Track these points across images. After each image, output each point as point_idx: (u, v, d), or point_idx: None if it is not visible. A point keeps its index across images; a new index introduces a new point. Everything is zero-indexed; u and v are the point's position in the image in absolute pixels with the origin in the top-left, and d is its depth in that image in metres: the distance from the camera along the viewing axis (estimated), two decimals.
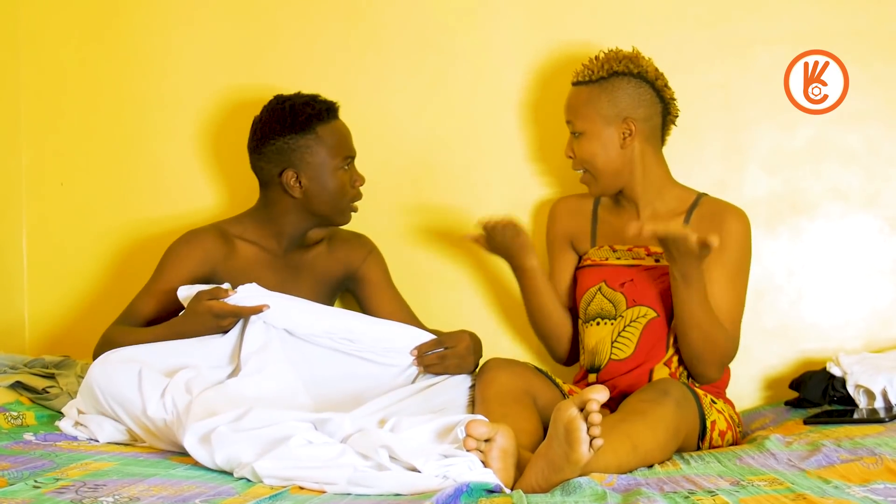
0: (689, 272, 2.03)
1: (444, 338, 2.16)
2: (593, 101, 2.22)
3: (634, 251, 2.24)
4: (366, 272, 2.38)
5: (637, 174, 2.24)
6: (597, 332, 2.22)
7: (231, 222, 2.32)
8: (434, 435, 1.71)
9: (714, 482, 1.58)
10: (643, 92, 2.22)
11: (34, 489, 1.45)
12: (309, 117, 2.21)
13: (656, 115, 2.24)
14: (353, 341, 2.11)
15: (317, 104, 2.23)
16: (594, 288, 2.25)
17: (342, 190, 2.25)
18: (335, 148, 2.23)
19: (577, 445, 1.56)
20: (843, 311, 2.46)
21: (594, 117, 2.22)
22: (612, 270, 2.24)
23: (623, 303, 2.20)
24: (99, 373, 1.90)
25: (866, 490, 1.43)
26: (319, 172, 2.22)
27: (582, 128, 2.23)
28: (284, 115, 2.22)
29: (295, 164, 2.22)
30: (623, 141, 2.22)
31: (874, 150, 2.46)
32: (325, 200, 2.24)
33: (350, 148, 2.27)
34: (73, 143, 2.69)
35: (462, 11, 2.58)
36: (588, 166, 2.25)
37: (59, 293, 2.67)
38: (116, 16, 2.69)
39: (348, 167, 2.26)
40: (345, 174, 2.25)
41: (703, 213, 2.23)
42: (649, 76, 2.22)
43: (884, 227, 2.46)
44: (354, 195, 2.28)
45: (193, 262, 2.21)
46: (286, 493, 1.51)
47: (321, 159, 2.22)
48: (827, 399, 2.20)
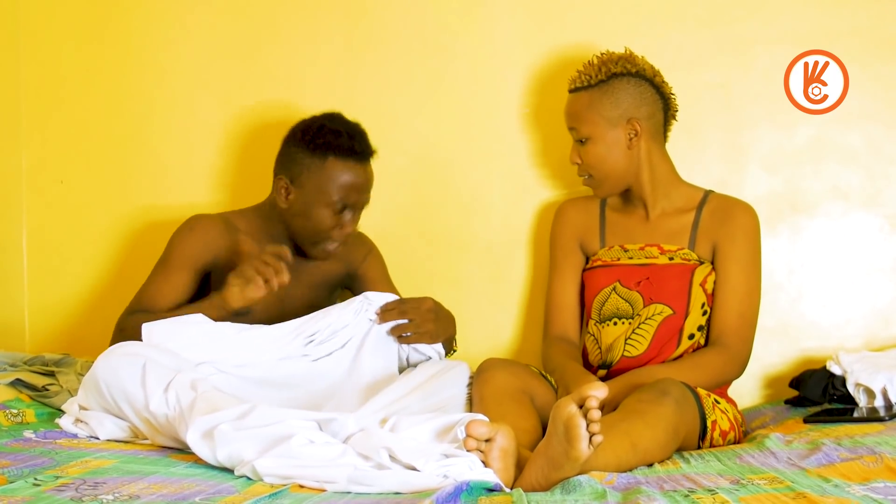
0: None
1: (405, 298, 2.18)
2: (596, 105, 2.22)
3: (647, 250, 2.24)
4: (365, 271, 2.38)
5: (645, 173, 2.25)
6: (614, 331, 2.21)
7: (236, 214, 2.33)
8: (434, 434, 1.71)
9: (714, 481, 1.58)
10: (644, 90, 2.22)
11: (34, 487, 1.45)
12: (328, 144, 2.17)
13: (658, 111, 2.25)
14: (314, 336, 2.08)
15: (344, 137, 2.17)
16: (608, 288, 2.24)
17: (321, 227, 2.20)
18: (333, 185, 2.17)
19: (577, 442, 1.55)
20: (844, 310, 2.46)
21: (598, 121, 2.22)
22: (626, 270, 2.24)
23: (640, 301, 2.20)
24: (104, 366, 1.90)
25: (866, 489, 1.43)
26: (308, 197, 2.19)
27: (587, 133, 2.23)
28: (311, 130, 2.20)
29: (292, 175, 2.21)
30: (629, 142, 2.22)
31: (874, 149, 2.46)
32: (301, 225, 2.22)
33: (352, 196, 2.19)
34: (73, 141, 2.70)
35: (462, 12, 2.58)
36: (595, 171, 2.24)
37: (59, 291, 2.67)
38: (116, 15, 2.69)
39: (341, 213, 2.20)
40: (332, 215, 2.19)
41: (712, 209, 2.24)
42: (647, 73, 2.23)
43: (884, 225, 2.46)
44: (334, 238, 2.23)
45: (197, 251, 2.22)
46: (286, 492, 1.51)
47: (315, 186, 2.18)
48: (827, 397, 2.20)
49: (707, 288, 2.20)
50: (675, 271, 2.20)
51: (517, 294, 2.52)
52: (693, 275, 2.20)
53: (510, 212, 2.56)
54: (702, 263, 2.21)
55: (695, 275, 2.20)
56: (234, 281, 2.06)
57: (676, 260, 2.21)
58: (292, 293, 2.25)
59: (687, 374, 2.06)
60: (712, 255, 2.22)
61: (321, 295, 2.32)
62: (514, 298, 2.54)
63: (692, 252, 2.22)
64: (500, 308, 2.56)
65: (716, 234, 2.22)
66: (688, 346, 2.18)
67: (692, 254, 2.22)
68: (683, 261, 2.21)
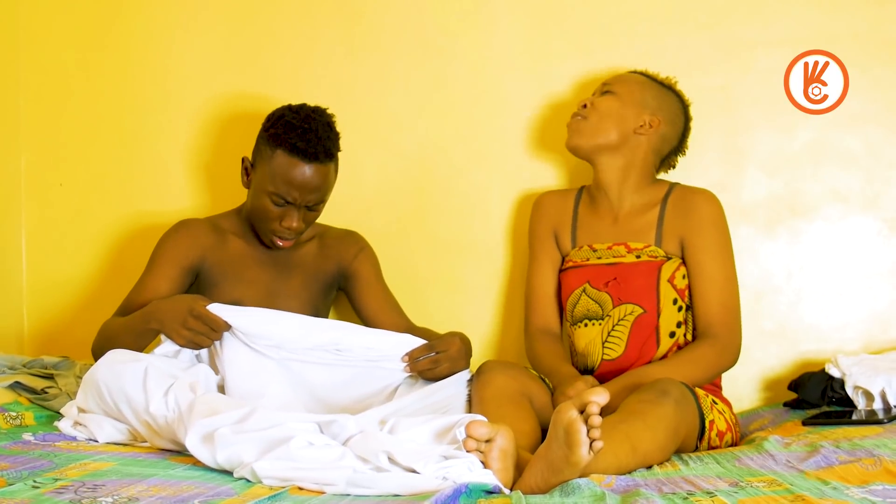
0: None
1: (435, 342, 2.14)
2: (647, 86, 2.29)
3: (614, 249, 2.25)
4: (357, 269, 2.38)
5: (622, 161, 2.26)
6: (586, 333, 2.22)
7: (223, 216, 2.35)
8: (433, 435, 1.71)
9: (713, 483, 1.58)
10: (679, 117, 2.31)
11: (33, 489, 1.45)
12: (278, 136, 2.15)
13: (670, 145, 2.32)
14: (341, 352, 2.09)
15: (297, 133, 2.14)
16: (579, 289, 2.25)
17: (265, 215, 2.20)
18: (276, 178, 2.15)
19: (577, 448, 1.56)
20: (842, 313, 2.46)
21: (637, 94, 2.27)
22: (595, 270, 2.25)
23: (609, 302, 2.21)
24: (105, 369, 1.91)
25: (865, 491, 1.43)
26: (257, 183, 2.21)
27: (619, 90, 2.28)
28: (273, 118, 2.21)
29: (253, 159, 2.23)
30: (639, 127, 2.25)
31: (874, 152, 2.46)
32: (249, 208, 2.25)
33: (292, 193, 2.16)
34: (73, 144, 2.70)
35: (462, 14, 2.58)
36: (593, 116, 2.26)
37: (58, 294, 2.68)
38: (117, 18, 2.69)
39: (281, 206, 2.18)
40: (275, 207, 2.18)
41: (675, 200, 2.26)
42: (688, 113, 2.33)
43: (883, 229, 2.46)
44: (278, 230, 2.21)
45: (183, 249, 2.24)
46: (285, 494, 1.51)
47: (262, 174, 2.18)
48: (826, 400, 2.20)
49: (676, 283, 2.20)
50: (642, 269, 2.20)
51: (518, 296, 2.52)
52: (660, 271, 2.20)
53: (511, 214, 2.56)
54: (669, 259, 2.21)
55: (661, 271, 2.20)
56: (179, 330, 2.03)
57: (643, 258, 2.21)
58: (284, 290, 2.26)
59: (683, 371, 2.06)
60: (681, 250, 2.22)
61: (315, 293, 2.32)
62: (515, 300, 2.53)
63: (659, 248, 2.22)
64: (499, 310, 2.56)
65: (681, 228, 2.22)
66: (670, 344, 2.18)
67: (659, 250, 2.22)
68: (650, 258, 2.21)
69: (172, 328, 2.03)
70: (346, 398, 2.08)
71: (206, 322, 2.02)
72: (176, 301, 2.08)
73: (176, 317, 2.03)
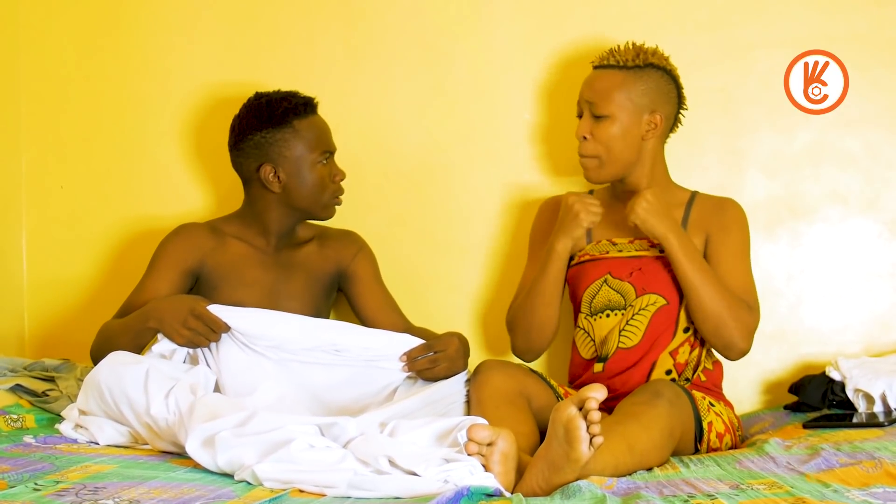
0: (660, 236, 2.09)
1: (433, 342, 2.15)
2: (628, 87, 2.18)
3: (637, 243, 2.23)
4: (356, 269, 2.38)
5: (645, 167, 2.24)
6: (606, 323, 2.21)
7: (222, 220, 2.35)
8: (434, 438, 1.71)
9: (713, 486, 1.58)
10: (670, 89, 2.23)
11: (34, 492, 1.45)
12: (285, 111, 2.21)
13: (674, 114, 2.26)
14: (340, 352, 2.11)
15: (294, 99, 2.24)
16: (599, 280, 2.23)
17: (321, 184, 2.25)
18: (312, 142, 2.23)
19: (577, 444, 1.56)
20: (843, 316, 2.46)
21: (625, 103, 2.18)
22: (617, 262, 2.23)
23: (632, 292, 2.19)
24: (107, 370, 1.91)
25: (865, 494, 1.43)
26: (297, 167, 2.23)
27: (608, 111, 2.18)
28: (261, 110, 2.23)
29: (272, 159, 2.23)
30: (646, 133, 2.21)
31: (874, 154, 2.46)
32: (305, 195, 2.25)
33: (328, 143, 2.26)
34: (74, 146, 2.70)
35: (463, 15, 2.58)
36: (604, 151, 2.21)
37: (59, 296, 2.67)
38: (117, 18, 2.69)
39: (327, 161, 2.25)
40: (323, 168, 2.25)
41: (701, 206, 2.25)
42: (674, 73, 2.24)
43: (883, 231, 2.46)
44: (335, 190, 2.28)
45: (183, 252, 2.25)
46: (286, 496, 1.51)
47: (298, 153, 2.22)
48: (826, 403, 2.20)
49: None
50: (666, 262, 2.18)
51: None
52: None
53: (510, 214, 2.56)
54: None
55: None
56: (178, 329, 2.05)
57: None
58: (286, 292, 2.26)
59: (716, 288, 2.10)
60: (703, 250, 2.21)
61: (315, 294, 2.32)
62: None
63: None
64: (498, 311, 2.56)
65: (708, 225, 2.21)
66: (683, 339, 2.17)
67: None
68: None
69: (172, 327, 2.04)
70: (345, 398, 2.09)
71: (207, 322, 2.03)
72: (176, 300, 2.10)
73: (176, 316, 2.04)
